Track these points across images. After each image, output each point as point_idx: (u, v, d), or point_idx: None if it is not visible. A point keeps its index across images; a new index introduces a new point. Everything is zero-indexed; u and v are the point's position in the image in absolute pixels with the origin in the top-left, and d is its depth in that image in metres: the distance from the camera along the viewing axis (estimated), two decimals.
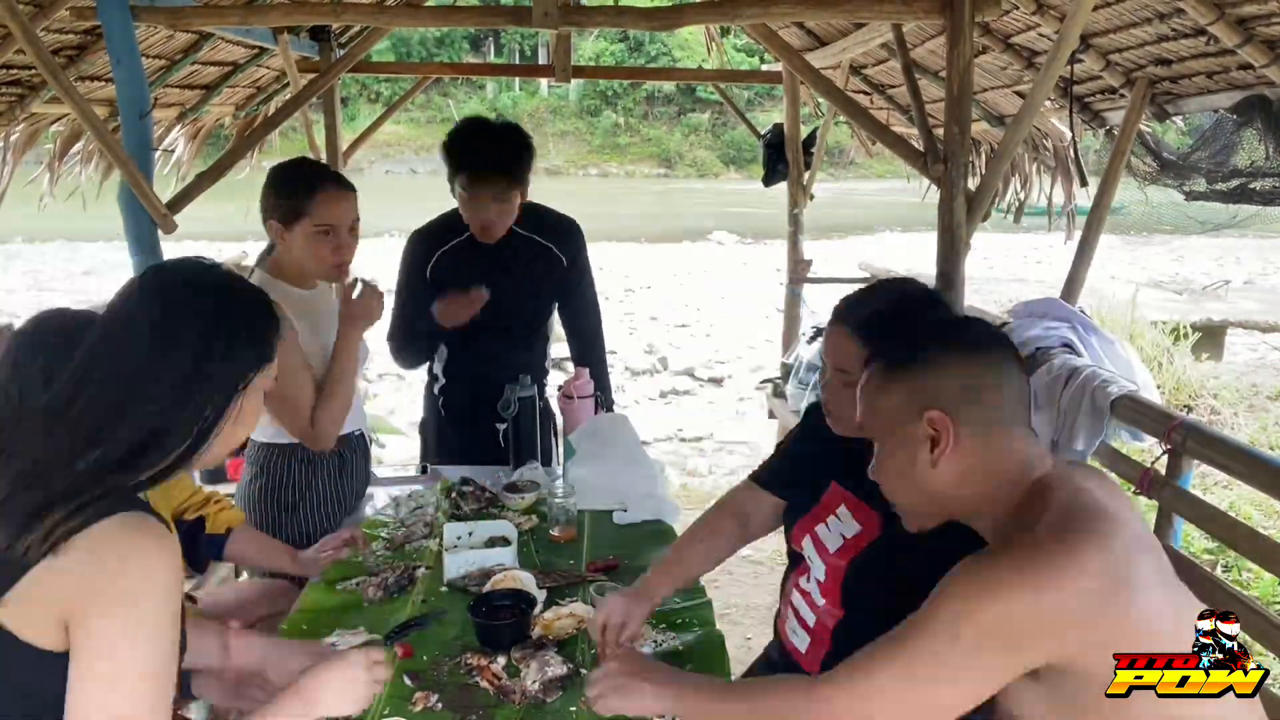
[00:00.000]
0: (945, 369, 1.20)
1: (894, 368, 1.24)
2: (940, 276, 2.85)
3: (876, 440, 1.28)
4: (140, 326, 1.13)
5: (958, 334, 1.28)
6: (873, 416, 1.27)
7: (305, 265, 2.11)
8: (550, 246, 2.61)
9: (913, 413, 1.19)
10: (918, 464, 1.19)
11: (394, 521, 2.18)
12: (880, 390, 1.25)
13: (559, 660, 1.55)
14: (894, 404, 1.22)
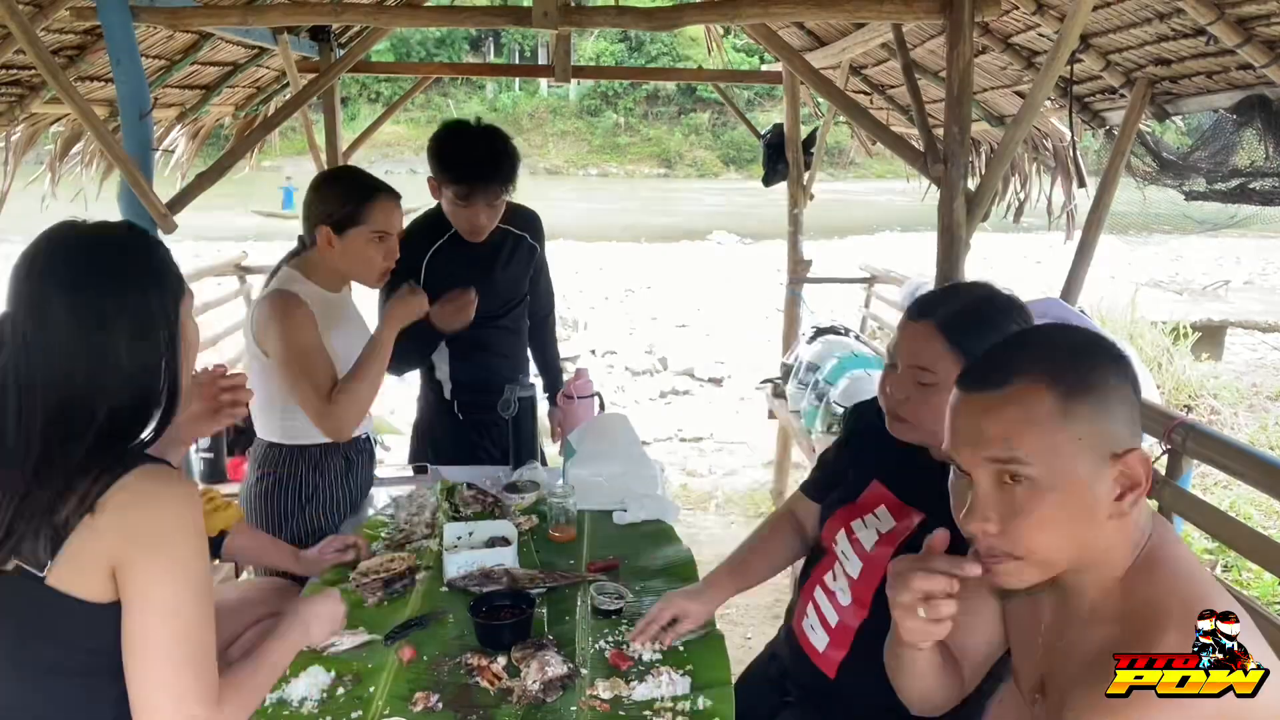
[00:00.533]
0: (1123, 398, 1.02)
1: (1075, 395, 1.01)
2: (940, 276, 2.85)
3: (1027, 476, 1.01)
4: (57, 313, 1.16)
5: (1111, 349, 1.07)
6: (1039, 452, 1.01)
7: (351, 270, 2.16)
8: (524, 236, 2.65)
9: (1104, 451, 1.00)
10: (1096, 516, 1.00)
11: (394, 521, 2.18)
12: (1060, 424, 1.00)
13: (559, 660, 1.55)
14: (1080, 442, 1.00)
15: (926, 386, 1.46)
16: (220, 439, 3.41)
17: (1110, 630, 1.02)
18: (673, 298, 11.40)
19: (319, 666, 1.56)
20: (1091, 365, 1.04)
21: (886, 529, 1.57)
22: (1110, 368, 1.04)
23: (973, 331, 1.43)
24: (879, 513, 1.60)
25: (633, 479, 2.31)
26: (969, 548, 1.09)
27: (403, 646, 1.63)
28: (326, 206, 2.10)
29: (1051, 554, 1.04)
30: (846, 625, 1.58)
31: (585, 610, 1.78)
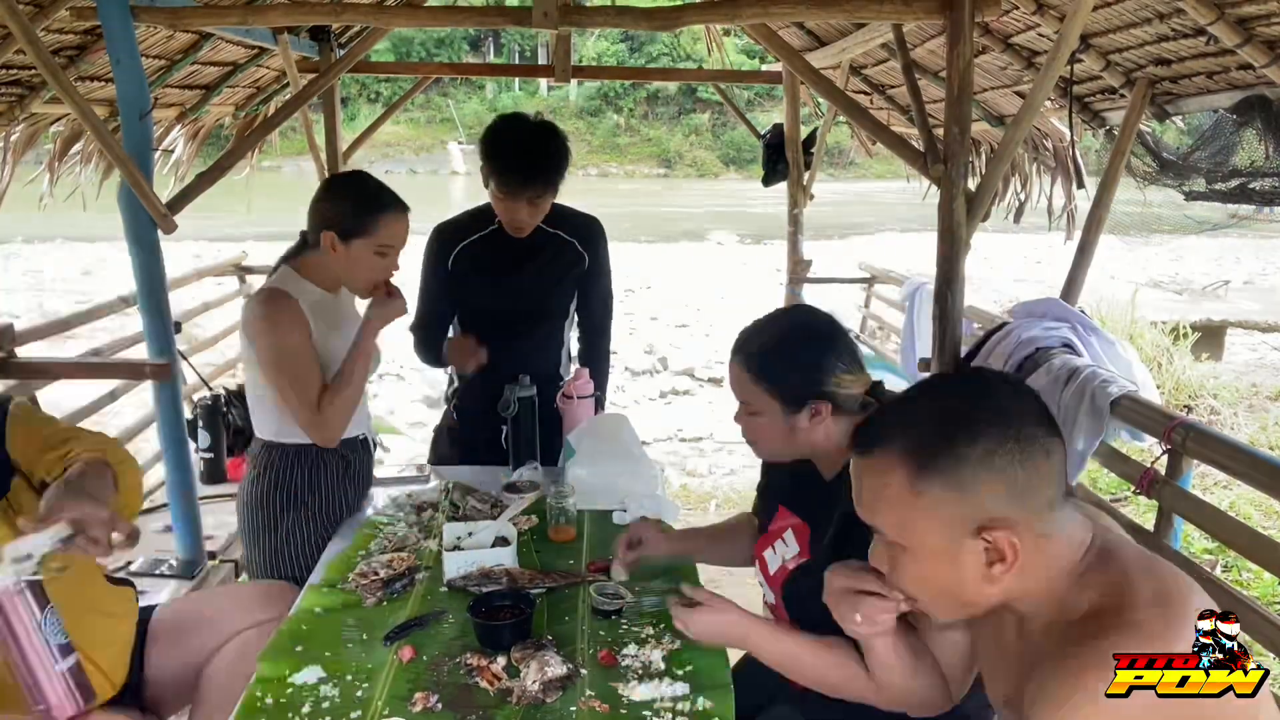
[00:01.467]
0: (991, 469, 0.99)
1: (926, 471, 1.00)
2: (940, 276, 2.85)
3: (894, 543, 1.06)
4: None
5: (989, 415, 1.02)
6: (896, 525, 1.04)
7: (348, 277, 2.15)
8: (572, 242, 2.62)
9: (962, 529, 1.00)
10: (967, 581, 1.02)
11: (394, 522, 2.18)
12: (912, 500, 1.01)
13: (559, 660, 1.55)
14: (935, 520, 1.01)
15: (754, 414, 1.57)
16: (220, 439, 3.41)
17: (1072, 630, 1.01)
18: (673, 298, 11.39)
19: (317, 667, 1.56)
20: (952, 438, 1.00)
21: (790, 556, 1.63)
22: (979, 440, 0.99)
23: (774, 364, 1.54)
24: (786, 537, 1.65)
25: (633, 479, 2.31)
26: None
27: (402, 646, 1.63)
28: (336, 213, 2.09)
29: (934, 607, 1.09)
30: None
31: (585, 610, 1.78)
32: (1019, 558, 0.99)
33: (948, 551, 1.02)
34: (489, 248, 2.54)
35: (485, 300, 2.61)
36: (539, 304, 2.67)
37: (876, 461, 1.05)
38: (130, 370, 3.24)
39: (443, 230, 2.62)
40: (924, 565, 1.04)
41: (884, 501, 1.04)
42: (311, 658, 1.59)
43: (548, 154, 2.37)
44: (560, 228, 2.58)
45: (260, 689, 1.50)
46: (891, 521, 1.05)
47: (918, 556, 1.04)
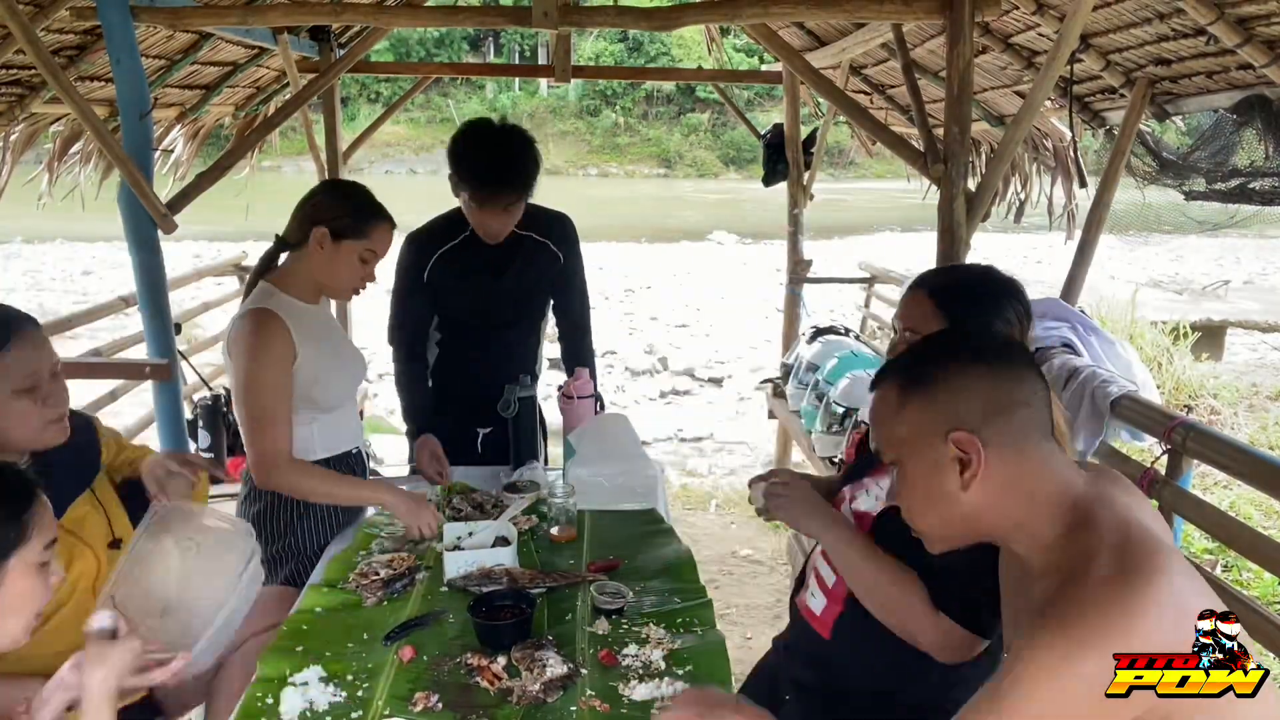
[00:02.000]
0: (968, 385, 1.12)
1: (911, 386, 1.16)
2: None
3: (893, 461, 1.19)
4: None
5: (970, 345, 1.20)
6: (890, 440, 1.18)
7: (329, 278, 2.10)
8: (546, 242, 2.60)
9: (936, 434, 1.12)
10: (946, 489, 1.12)
11: (394, 521, 2.18)
12: (898, 411, 1.16)
13: (559, 660, 1.55)
14: (914, 426, 1.14)
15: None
16: (220, 439, 3.41)
17: (1049, 582, 1.07)
18: (673, 298, 11.40)
19: (317, 667, 1.56)
20: (929, 362, 1.18)
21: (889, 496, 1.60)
22: (954, 363, 1.15)
23: (960, 299, 1.56)
24: (881, 483, 1.62)
25: (632, 479, 2.31)
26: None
27: (403, 646, 1.63)
28: (334, 211, 2.07)
29: (929, 527, 1.19)
30: (841, 583, 1.62)
31: (585, 610, 1.78)
32: (986, 464, 1.10)
33: (928, 460, 1.13)
34: (465, 255, 2.49)
35: (464, 306, 2.58)
36: (517, 307, 2.65)
37: (880, 392, 1.20)
38: (130, 370, 3.25)
39: (417, 238, 2.56)
40: (915, 479, 1.16)
41: (881, 422, 1.19)
42: (311, 658, 1.59)
43: (520, 161, 2.32)
44: (532, 228, 2.54)
45: (260, 689, 1.51)
46: (888, 439, 1.18)
47: (909, 471, 1.16)
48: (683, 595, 1.84)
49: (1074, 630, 0.96)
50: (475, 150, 2.32)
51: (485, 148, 2.32)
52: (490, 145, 2.32)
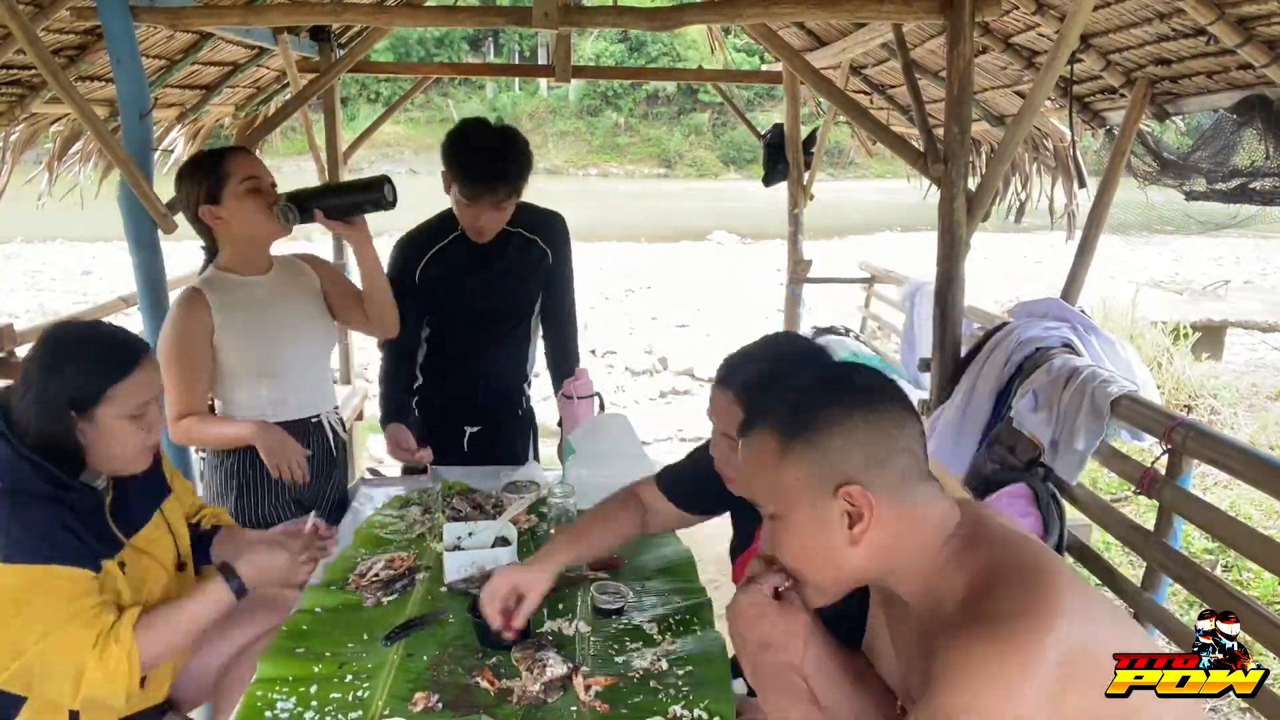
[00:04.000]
0: (848, 434, 1.09)
1: (792, 437, 1.11)
2: (941, 276, 2.85)
3: (772, 514, 1.15)
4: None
5: (849, 390, 1.14)
6: (770, 493, 1.13)
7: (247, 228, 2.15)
8: (536, 240, 2.59)
9: (823, 489, 1.08)
10: (834, 543, 1.09)
11: (395, 521, 2.18)
12: (779, 464, 1.11)
13: (559, 660, 1.55)
14: (798, 480, 1.10)
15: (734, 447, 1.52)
16: None
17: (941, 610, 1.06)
18: (673, 298, 11.39)
19: (317, 667, 1.56)
20: (813, 406, 1.12)
21: None
22: (835, 411, 1.10)
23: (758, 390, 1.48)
24: None
25: (632, 479, 2.31)
26: None
27: (402, 647, 1.63)
28: (193, 190, 2.13)
29: (812, 579, 1.15)
30: None
31: (585, 610, 1.78)
32: (875, 516, 1.07)
33: (814, 513, 1.10)
34: (455, 254, 2.50)
35: (455, 306, 2.58)
36: (507, 304, 2.65)
37: (754, 438, 1.15)
38: None
39: (408, 242, 2.56)
40: (797, 531, 1.12)
41: (758, 472, 1.14)
42: (312, 658, 1.59)
43: (512, 158, 2.35)
44: (521, 225, 2.55)
45: (260, 689, 1.51)
46: (766, 489, 1.14)
47: (790, 523, 1.12)
48: (683, 595, 1.84)
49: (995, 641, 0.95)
50: (466, 147, 2.34)
51: (476, 144, 2.34)
52: (481, 142, 2.34)
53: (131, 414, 1.56)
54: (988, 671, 0.93)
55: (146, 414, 1.59)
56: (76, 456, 1.54)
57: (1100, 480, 4.75)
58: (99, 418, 1.53)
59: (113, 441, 1.56)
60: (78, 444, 1.53)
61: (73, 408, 1.51)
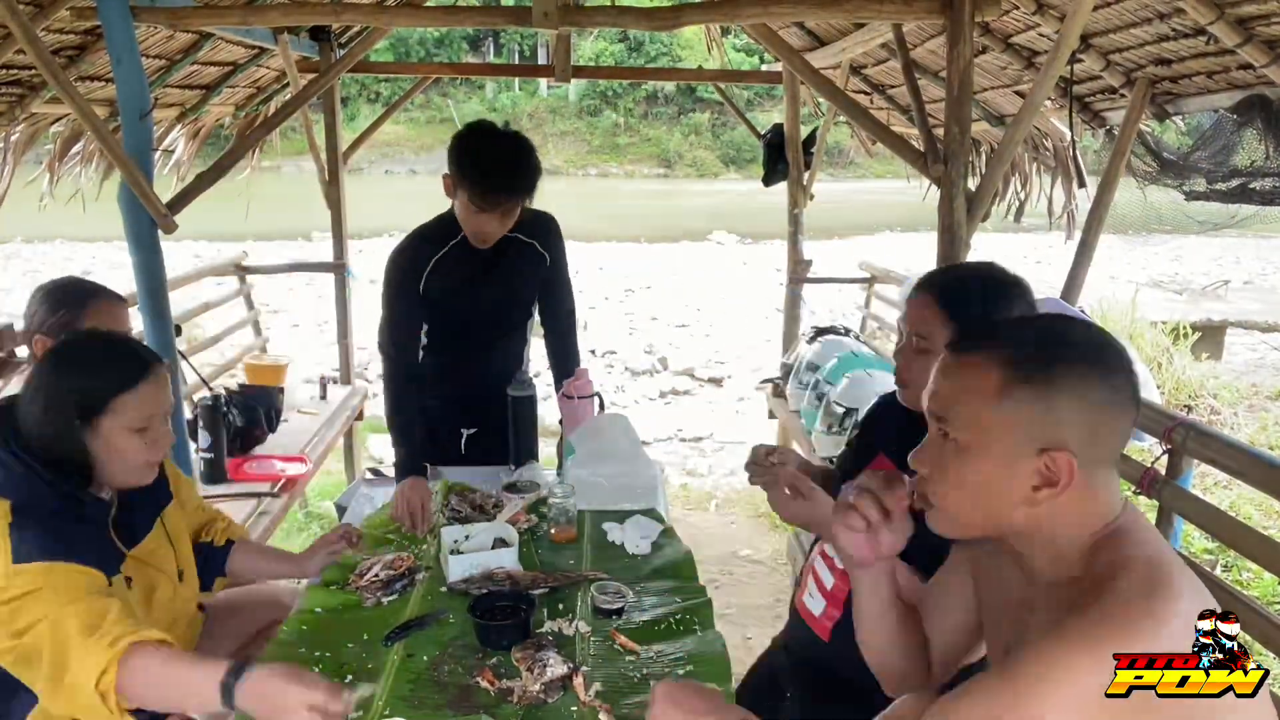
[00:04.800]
0: (1080, 398, 1.01)
1: (1021, 378, 1.03)
2: None
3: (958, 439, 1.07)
4: None
5: (1096, 351, 1.05)
6: (967, 420, 1.06)
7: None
8: (533, 243, 2.57)
9: (1030, 443, 1.02)
10: (1009, 494, 1.03)
11: (395, 521, 2.18)
12: (994, 399, 1.03)
13: (559, 660, 1.55)
14: (1011, 425, 1.02)
15: (924, 353, 1.54)
16: (220, 439, 3.40)
17: (1065, 591, 1.04)
18: (673, 298, 11.39)
19: (317, 667, 1.56)
20: (1051, 358, 1.04)
21: None
22: (1077, 369, 1.03)
23: (966, 301, 1.53)
24: None
25: (633, 479, 2.31)
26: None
27: (402, 647, 1.63)
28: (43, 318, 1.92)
29: (958, 512, 1.10)
30: (840, 587, 1.62)
31: (585, 610, 1.78)
32: (1068, 491, 1.02)
33: (1006, 461, 1.04)
34: (457, 261, 2.45)
35: (457, 312, 2.54)
36: (507, 309, 2.64)
37: (974, 359, 1.07)
38: None
39: (410, 250, 2.49)
40: (978, 468, 1.06)
41: (967, 396, 1.06)
42: (312, 658, 1.59)
43: (525, 166, 2.31)
44: (518, 229, 2.49)
45: None
46: (967, 416, 1.06)
47: (975, 457, 1.06)
48: (683, 595, 1.84)
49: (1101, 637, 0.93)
50: (480, 153, 2.30)
51: (490, 151, 2.29)
52: (495, 149, 2.30)
53: (136, 427, 1.53)
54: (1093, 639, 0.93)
55: (151, 428, 1.56)
56: (83, 468, 1.52)
57: None
58: (103, 429, 1.51)
59: (115, 454, 1.53)
60: (84, 453, 1.51)
61: (79, 415, 1.49)
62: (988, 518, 1.08)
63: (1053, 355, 1.04)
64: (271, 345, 5.41)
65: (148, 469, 1.60)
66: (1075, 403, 1.02)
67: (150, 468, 1.60)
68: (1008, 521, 1.06)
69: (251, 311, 5.29)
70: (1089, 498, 1.04)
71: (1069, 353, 1.04)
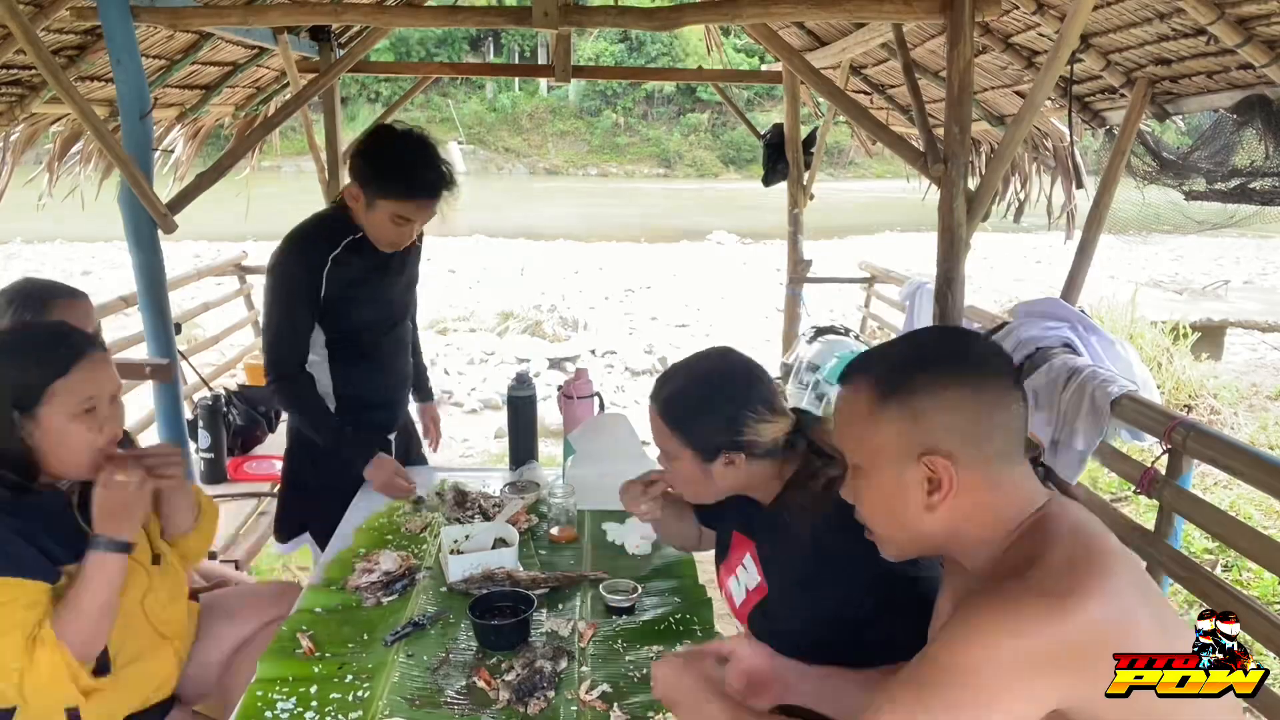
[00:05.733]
0: (949, 404, 1.06)
1: (889, 395, 1.09)
2: (940, 276, 2.85)
3: (855, 464, 1.15)
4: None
5: (956, 357, 1.11)
6: (855, 445, 1.13)
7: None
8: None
9: (909, 452, 1.07)
10: (909, 506, 1.09)
11: (395, 518, 2.18)
12: (870, 419, 1.10)
13: (559, 660, 1.55)
14: (887, 439, 1.08)
15: (672, 460, 1.57)
16: (220, 439, 3.41)
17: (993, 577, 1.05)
18: (673, 298, 11.39)
19: (317, 667, 1.56)
20: (915, 367, 1.10)
21: (753, 585, 1.59)
22: (936, 377, 1.08)
23: (686, 415, 1.52)
24: (746, 563, 1.62)
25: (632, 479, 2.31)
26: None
27: (405, 648, 1.63)
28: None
29: (885, 533, 1.16)
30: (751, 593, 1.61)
31: (585, 610, 1.78)
32: (954, 489, 1.06)
33: (895, 474, 1.09)
34: (357, 257, 2.27)
35: (359, 311, 2.33)
36: (403, 306, 2.51)
37: (851, 388, 1.15)
38: (131, 370, 3.24)
39: (305, 245, 2.27)
40: (875, 488, 1.12)
41: (850, 422, 1.14)
42: (312, 658, 1.59)
43: (443, 168, 2.20)
44: None
45: (260, 689, 1.51)
46: (852, 440, 1.14)
47: (871, 478, 1.12)
48: (683, 595, 1.84)
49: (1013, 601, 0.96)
50: (410, 161, 2.17)
51: (418, 158, 2.17)
52: (423, 155, 2.18)
53: (78, 411, 1.50)
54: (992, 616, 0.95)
55: (96, 411, 1.52)
56: (28, 461, 1.50)
57: (1100, 480, 4.75)
58: (43, 418, 1.48)
59: (60, 443, 1.50)
60: (26, 447, 1.49)
61: (16, 408, 1.47)
62: (905, 531, 1.13)
63: (910, 367, 1.10)
64: None
65: (96, 456, 1.54)
66: (940, 408, 1.06)
67: (99, 455, 1.55)
68: (925, 531, 1.11)
69: (251, 311, 5.29)
70: (994, 493, 1.08)
71: (927, 362, 1.10)
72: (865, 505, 1.16)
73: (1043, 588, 0.96)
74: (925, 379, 1.08)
